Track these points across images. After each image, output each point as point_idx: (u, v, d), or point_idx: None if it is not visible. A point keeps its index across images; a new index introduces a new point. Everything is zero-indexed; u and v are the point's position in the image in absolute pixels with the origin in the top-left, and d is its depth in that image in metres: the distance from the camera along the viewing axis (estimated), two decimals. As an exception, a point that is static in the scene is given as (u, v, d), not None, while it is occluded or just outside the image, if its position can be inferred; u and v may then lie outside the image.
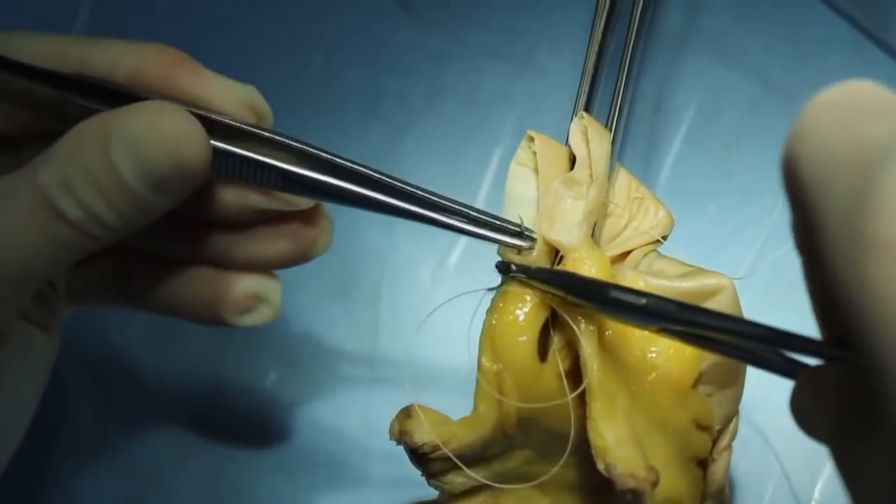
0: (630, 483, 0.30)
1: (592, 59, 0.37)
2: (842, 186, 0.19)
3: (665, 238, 0.35)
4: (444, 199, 0.32)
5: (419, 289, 0.46)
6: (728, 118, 0.48)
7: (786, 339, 0.26)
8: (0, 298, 0.29)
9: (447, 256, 0.47)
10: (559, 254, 0.33)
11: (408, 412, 0.33)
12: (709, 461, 0.35)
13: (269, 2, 0.51)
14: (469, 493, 0.35)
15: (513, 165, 0.34)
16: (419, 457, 0.33)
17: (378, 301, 0.46)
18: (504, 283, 0.33)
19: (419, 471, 0.34)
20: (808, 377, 0.25)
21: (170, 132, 0.29)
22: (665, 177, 0.47)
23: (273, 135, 0.31)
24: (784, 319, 0.43)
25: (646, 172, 0.47)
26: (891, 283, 0.18)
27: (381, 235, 0.47)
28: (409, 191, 0.32)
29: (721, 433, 0.35)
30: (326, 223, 0.35)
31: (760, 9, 0.49)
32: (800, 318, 0.43)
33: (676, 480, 0.34)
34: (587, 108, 0.36)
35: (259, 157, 0.31)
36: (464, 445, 0.33)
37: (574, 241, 0.32)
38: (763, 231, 0.41)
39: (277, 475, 0.44)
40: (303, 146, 0.31)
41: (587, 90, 0.36)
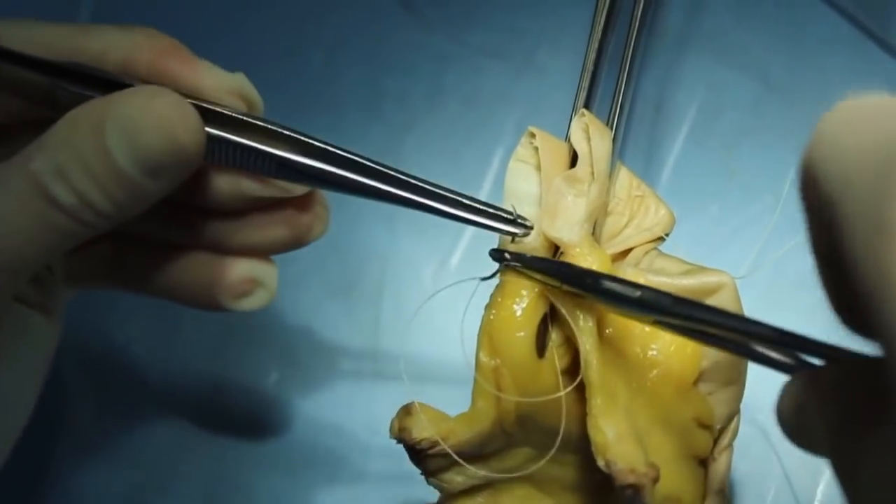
0: (630, 478, 0.30)
1: (592, 57, 0.37)
2: (864, 181, 0.20)
3: (666, 236, 0.35)
4: (437, 187, 0.32)
5: (421, 288, 0.46)
6: (729, 118, 0.48)
7: (780, 336, 0.26)
8: None
9: (449, 256, 0.47)
10: (559, 250, 0.33)
11: (407, 409, 0.33)
12: (709, 460, 0.35)
13: (269, 1, 0.51)
14: (468, 493, 0.35)
15: (512, 162, 0.34)
16: (417, 454, 0.33)
17: (380, 300, 0.46)
18: (498, 272, 0.32)
19: (418, 469, 0.34)
20: (805, 377, 0.25)
21: (164, 116, 0.29)
22: (666, 176, 0.47)
23: (264, 123, 0.31)
24: (785, 318, 0.43)
25: (647, 172, 0.47)
26: None
27: (383, 235, 0.47)
28: (402, 177, 0.32)
29: (722, 432, 0.35)
30: (321, 209, 0.35)
31: (761, 8, 0.49)
32: (801, 317, 0.43)
33: (677, 478, 0.33)
34: (587, 107, 0.36)
35: (252, 144, 0.31)
36: (462, 442, 0.33)
37: (575, 239, 0.32)
38: (764, 230, 0.41)
39: (278, 473, 0.44)
40: (294, 134, 0.32)
41: (587, 88, 0.36)
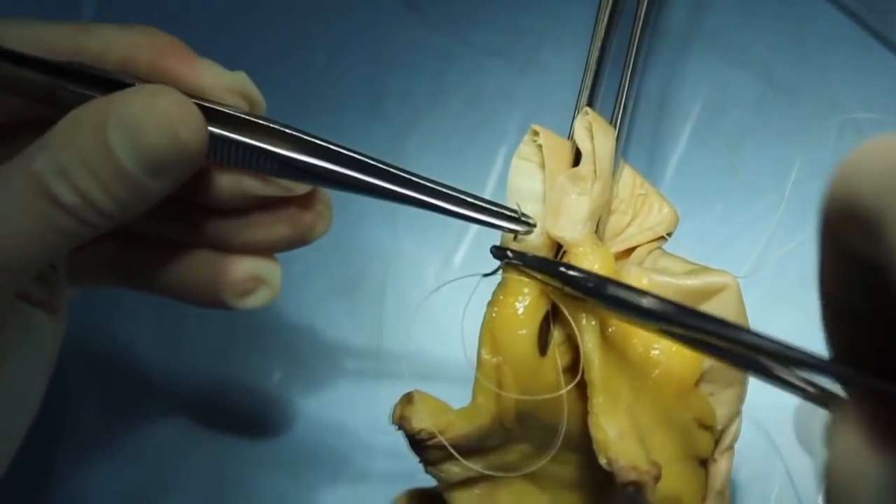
0: (632, 476, 0.30)
1: (595, 55, 0.37)
2: None
3: (670, 235, 0.35)
4: (440, 185, 0.32)
5: (424, 288, 0.46)
6: (733, 116, 0.48)
7: (786, 351, 0.26)
8: None
9: (452, 256, 0.47)
10: (561, 249, 0.33)
11: (409, 397, 0.33)
12: (710, 461, 0.35)
13: (271, 1, 0.51)
14: (466, 484, 0.35)
15: (515, 160, 0.34)
16: (416, 443, 0.33)
17: (383, 300, 0.46)
18: (500, 269, 0.32)
19: (417, 458, 0.34)
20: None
21: (167, 115, 0.29)
22: (670, 174, 0.47)
23: (266, 122, 0.31)
24: (789, 317, 0.43)
25: (651, 170, 0.47)
26: None
27: (386, 234, 0.47)
28: (405, 176, 0.32)
29: (723, 433, 0.35)
30: (324, 207, 0.35)
31: (764, 6, 0.49)
32: (804, 316, 0.42)
33: (678, 479, 0.33)
34: (591, 105, 0.36)
35: (255, 143, 0.31)
36: (461, 435, 0.33)
37: (578, 237, 0.32)
38: (768, 228, 0.41)
39: (280, 471, 0.44)
40: (296, 133, 0.32)
41: (590, 86, 0.36)
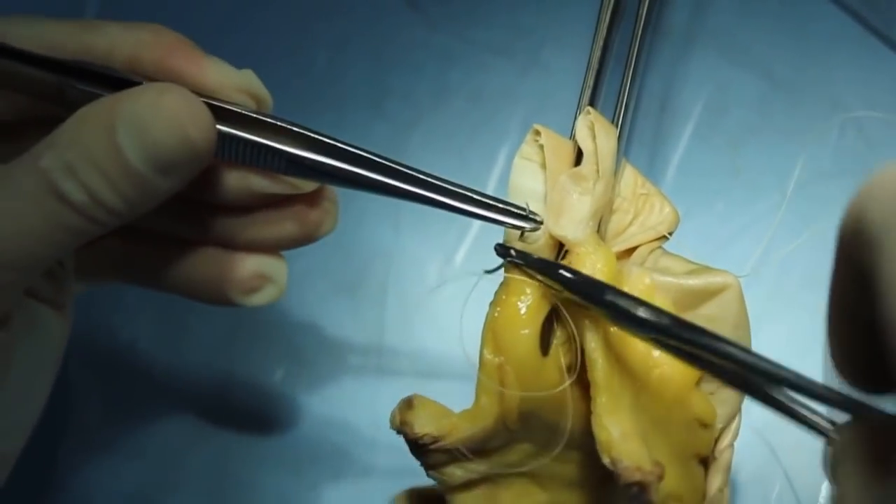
0: (636, 476, 0.30)
1: (597, 55, 0.37)
2: None
3: (671, 234, 0.35)
4: (447, 182, 0.32)
5: (425, 286, 0.46)
6: (735, 115, 0.48)
7: (780, 373, 0.25)
8: (5, 282, 0.29)
9: (453, 254, 0.47)
10: (563, 248, 0.33)
11: (409, 402, 0.33)
12: (710, 459, 0.35)
13: (274, 0, 0.51)
14: (467, 486, 0.35)
15: (517, 160, 0.34)
16: (418, 448, 0.33)
17: (384, 297, 0.46)
18: (501, 267, 0.32)
19: (418, 461, 0.34)
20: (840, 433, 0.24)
21: (175, 112, 0.29)
22: (672, 174, 0.47)
23: (273, 119, 0.31)
24: (790, 316, 0.43)
25: (652, 169, 0.47)
26: None
27: (388, 232, 0.47)
28: (413, 173, 0.32)
29: (723, 431, 0.35)
30: (330, 205, 0.35)
31: (766, 6, 0.49)
32: (805, 315, 0.43)
33: (678, 477, 0.33)
34: (592, 104, 0.36)
35: (262, 141, 0.31)
36: (464, 438, 0.33)
37: (580, 237, 0.32)
38: (769, 228, 0.41)
39: (283, 469, 0.44)
40: (304, 131, 0.31)
41: (592, 85, 0.36)
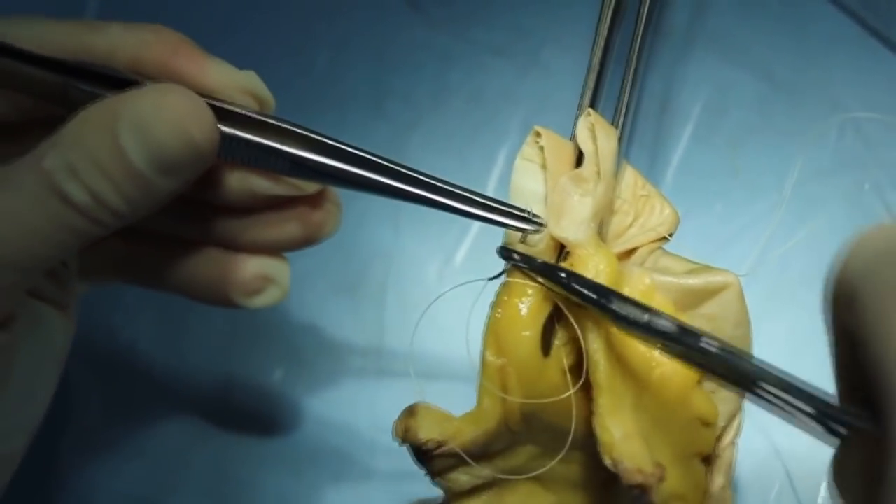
0: (637, 478, 0.30)
1: (598, 56, 0.37)
2: (876, 281, 0.23)
3: (671, 236, 0.35)
4: (449, 184, 0.32)
5: (425, 287, 0.46)
6: (734, 116, 0.48)
7: (783, 383, 0.26)
8: (7, 283, 0.29)
9: (453, 254, 0.47)
10: (564, 249, 0.33)
11: (411, 410, 0.33)
12: (712, 458, 0.35)
13: (275, 1, 0.51)
14: (472, 492, 0.35)
15: (518, 161, 0.34)
16: (423, 454, 0.33)
17: (384, 299, 0.46)
18: (505, 272, 0.32)
19: (423, 470, 0.34)
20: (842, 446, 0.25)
21: (178, 112, 0.29)
22: (672, 174, 0.47)
23: (276, 121, 0.31)
24: (790, 315, 0.43)
25: (652, 170, 0.47)
26: None
27: (388, 233, 0.47)
28: (415, 175, 0.32)
29: (725, 430, 0.35)
30: (333, 207, 0.35)
31: (766, 7, 0.49)
32: (805, 314, 0.43)
33: (680, 477, 0.33)
34: (593, 106, 0.36)
35: (265, 142, 0.31)
36: (468, 442, 0.33)
37: (581, 238, 0.32)
38: (769, 227, 0.41)
39: (283, 470, 0.44)
40: (306, 132, 0.31)
41: (592, 86, 0.36)
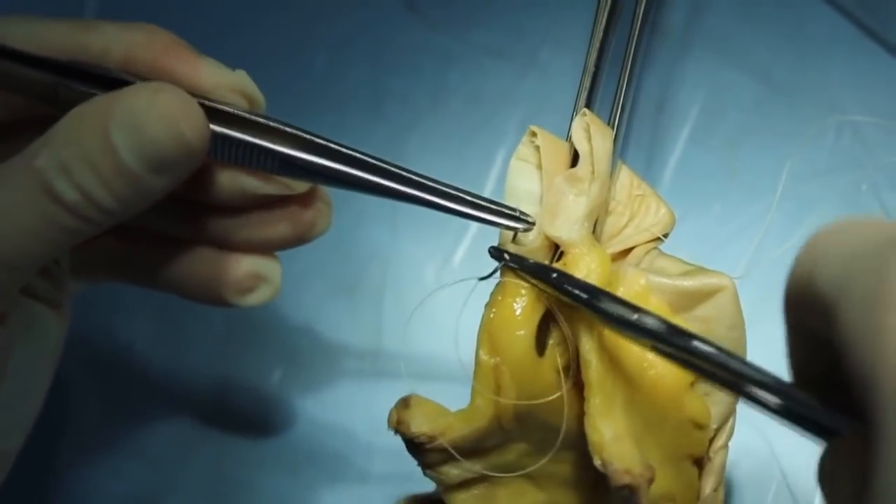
0: (626, 479, 0.30)
1: (594, 57, 0.37)
2: (857, 290, 0.22)
3: (666, 236, 0.35)
4: (439, 183, 0.32)
5: (423, 288, 0.46)
6: (731, 117, 0.48)
7: (774, 383, 0.26)
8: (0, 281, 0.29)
9: (451, 256, 0.47)
10: (559, 249, 0.33)
11: (406, 401, 0.33)
12: (705, 460, 0.35)
13: (274, 2, 0.51)
14: (464, 486, 0.35)
15: (513, 161, 0.34)
16: (415, 447, 0.33)
17: (381, 299, 0.46)
18: (496, 271, 0.33)
19: (415, 461, 0.34)
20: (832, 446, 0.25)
21: (169, 111, 0.29)
22: (668, 176, 0.47)
23: (266, 120, 0.32)
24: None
25: (649, 171, 0.47)
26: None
27: (385, 234, 0.47)
28: (405, 174, 0.32)
29: (717, 432, 0.35)
30: (324, 205, 0.35)
31: (763, 8, 0.49)
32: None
33: (671, 478, 0.34)
34: (589, 106, 0.36)
35: (256, 141, 0.31)
36: (459, 437, 0.33)
37: (575, 238, 0.32)
38: (763, 229, 0.41)
39: (280, 471, 0.44)
40: (296, 131, 0.32)
41: (589, 87, 0.36)
